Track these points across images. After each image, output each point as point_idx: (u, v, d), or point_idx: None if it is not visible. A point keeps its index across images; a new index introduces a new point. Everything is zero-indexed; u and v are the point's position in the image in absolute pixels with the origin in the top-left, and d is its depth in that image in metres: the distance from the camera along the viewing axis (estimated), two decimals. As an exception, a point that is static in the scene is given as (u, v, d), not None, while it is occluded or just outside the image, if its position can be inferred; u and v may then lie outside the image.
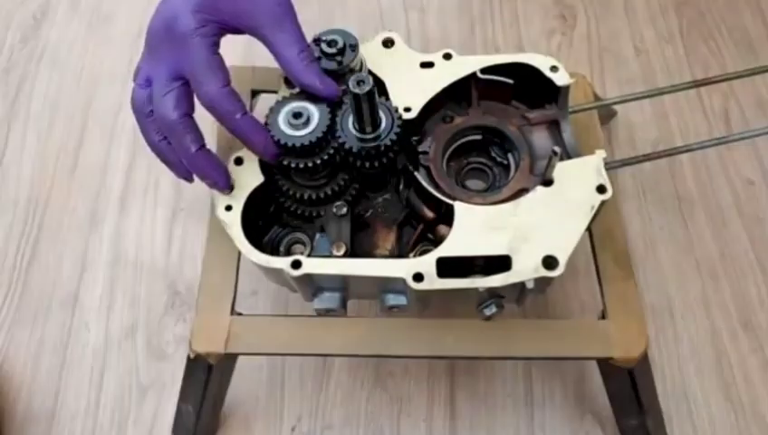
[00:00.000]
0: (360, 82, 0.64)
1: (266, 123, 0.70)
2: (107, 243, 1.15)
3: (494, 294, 0.69)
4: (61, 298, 1.10)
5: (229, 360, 0.85)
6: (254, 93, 0.95)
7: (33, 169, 1.22)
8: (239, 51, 1.33)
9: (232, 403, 1.02)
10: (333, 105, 0.72)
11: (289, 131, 0.69)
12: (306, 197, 0.73)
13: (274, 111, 0.71)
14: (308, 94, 0.73)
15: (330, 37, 0.74)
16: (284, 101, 0.71)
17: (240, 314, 0.78)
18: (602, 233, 0.83)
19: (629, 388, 0.84)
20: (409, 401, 1.03)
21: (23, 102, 1.29)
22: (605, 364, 0.80)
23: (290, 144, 0.69)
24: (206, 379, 0.84)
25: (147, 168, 1.21)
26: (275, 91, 0.78)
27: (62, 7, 1.40)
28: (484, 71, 0.78)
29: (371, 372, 1.05)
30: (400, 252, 0.76)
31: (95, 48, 1.35)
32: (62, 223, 1.16)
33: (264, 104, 0.98)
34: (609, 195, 0.70)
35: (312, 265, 0.68)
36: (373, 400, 1.03)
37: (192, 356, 0.78)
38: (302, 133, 0.69)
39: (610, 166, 0.77)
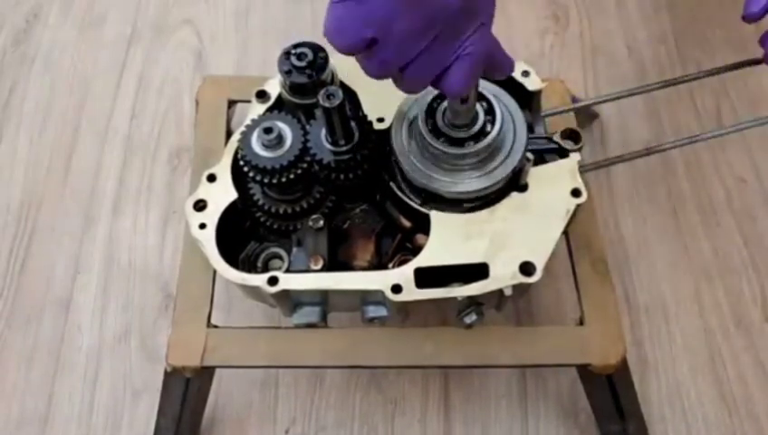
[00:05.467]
0: (330, 96, 0.63)
1: (239, 147, 0.69)
2: (100, 246, 1.14)
3: (473, 302, 0.70)
4: (54, 301, 1.10)
5: (206, 373, 0.85)
6: (231, 103, 0.95)
7: (26, 173, 1.21)
8: (230, 60, 1.34)
9: (225, 405, 1.02)
10: (305, 120, 0.72)
11: (263, 153, 0.68)
12: (281, 211, 0.73)
13: (248, 132, 0.70)
14: (278, 111, 0.72)
15: (299, 50, 0.74)
16: (256, 121, 0.70)
17: (216, 327, 0.78)
18: (579, 239, 0.83)
19: (609, 394, 0.84)
20: (404, 401, 1.03)
21: (15, 105, 1.28)
22: (584, 371, 0.80)
23: (268, 167, 0.68)
24: (184, 392, 0.83)
25: (140, 171, 1.21)
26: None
27: (54, 10, 1.40)
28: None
29: (365, 372, 1.05)
30: (380, 262, 0.75)
31: (87, 50, 1.35)
32: (54, 226, 1.16)
33: (240, 113, 0.99)
34: (584, 198, 0.71)
35: (289, 281, 0.68)
36: (367, 400, 1.03)
37: (169, 370, 0.78)
38: (277, 154, 0.68)
39: (584, 169, 0.77)
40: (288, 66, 0.74)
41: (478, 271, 0.68)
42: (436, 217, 0.70)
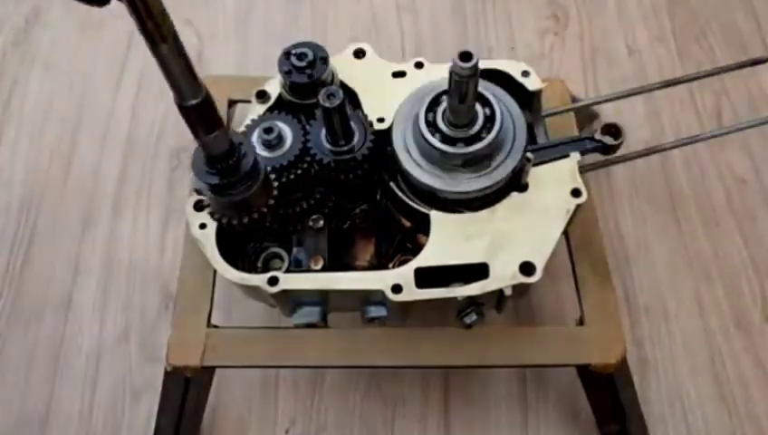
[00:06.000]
0: (330, 96, 0.63)
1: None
2: (100, 246, 1.14)
3: (473, 302, 0.70)
4: (54, 302, 1.10)
5: (206, 373, 0.85)
6: (231, 103, 0.95)
7: (26, 173, 1.21)
8: (230, 60, 1.34)
9: (225, 405, 1.02)
10: (305, 120, 0.72)
11: (263, 153, 0.68)
12: (282, 211, 0.73)
13: (248, 132, 0.70)
14: (278, 111, 0.71)
15: (299, 50, 0.74)
16: (256, 121, 0.70)
17: (216, 327, 0.78)
18: (580, 239, 0.83)
19: (609, 394, 0.85)
20: (404, 402, 1.03)
21: (15, 106, 1.28)
22: (584, 371, 0.80)
23: (268, 167, 0.67)
24: (184, 392, 0.84)
25: (140, 171, 1.21)
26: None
27: (55, 10, 1.40)
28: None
29: (366, 373, 1.05)
30: (380, 262, 0.75)
31: (87, 50, 1.35)
32: (55, 226, 1.16)
33: (240, 113, 0.99)
34: (584, 198, 0.71)
35: (289, 281, 0.68)
36: (367, 401, 1.03)
37: (169, 370, 0.78)
38: (277, 154, 0.68)
39: (584, 169, 0.77)
40: (288, 66, 0.74)
41: (478, 271, 0.68)
42: (436, 217, 0.70)
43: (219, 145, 0.56)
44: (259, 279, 0.68)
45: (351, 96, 0.77)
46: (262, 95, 0.79)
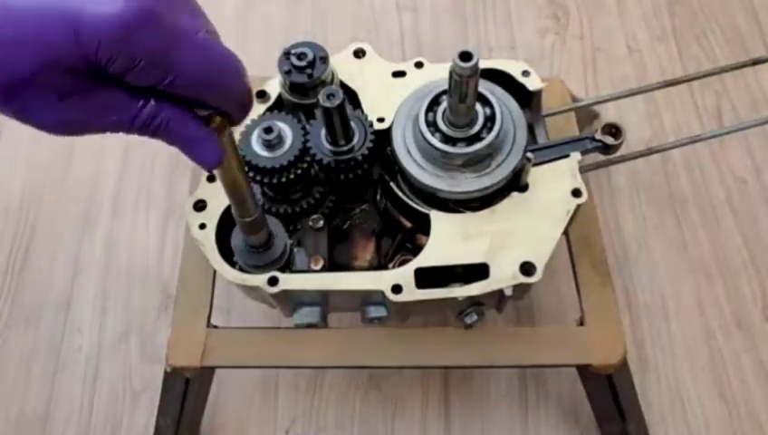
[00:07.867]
0: (330, 96, 0.63)
1: (239, 147, 0.68)
2: (100, 247, 1.14)
3: (473, 302, 0.70)
4: (54, 302, 1.10)
5: (206, 373, 0.85)
6: None
7: (26, 174, 1.21)
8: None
9: (225, 405, 1.02)
10: (305, 120, 0.71)
11: (263, 153, 0.68)
12: (281, 211, 0.73)
13: (247, 132, 0.69)
14: (278, 111, 0.72)
15: (299, 50, 0.73)
16: (256, 121, 0.70)
17: (216, 327, 0.78)
18: (580, 239, 0.83)
19: (609, 394, 0.84)
20: (404, 401, 1.03)
21: (15, 106, 1.28)
22: (584, 371, 0.80)
23: (268, 167, 0.67)
24: (184, 392, 0.83)
25: (138, 172, 1.21)
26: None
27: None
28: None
29: (365, 372, 1.05)
30: (380, 262, 0.75)
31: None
32: (54, 228, 1.16)
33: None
34: (584, 199, 0.70)
35: (289, 281, 0.68)
36: (367, 400, 1.03)
37: (169, 370, 0.78)
38: (277, 154, 0.68)
39: (585, 169, 0.77)
40: (288, 66, 0.74)
41: (478, 271, 0.68)
42: (436, 216, 0.70)
43: (259, 238, 0.66)
44: (259, 279, 0.68)
45: (351, 96, 0.77)
46: (262, 95, 0.78)
